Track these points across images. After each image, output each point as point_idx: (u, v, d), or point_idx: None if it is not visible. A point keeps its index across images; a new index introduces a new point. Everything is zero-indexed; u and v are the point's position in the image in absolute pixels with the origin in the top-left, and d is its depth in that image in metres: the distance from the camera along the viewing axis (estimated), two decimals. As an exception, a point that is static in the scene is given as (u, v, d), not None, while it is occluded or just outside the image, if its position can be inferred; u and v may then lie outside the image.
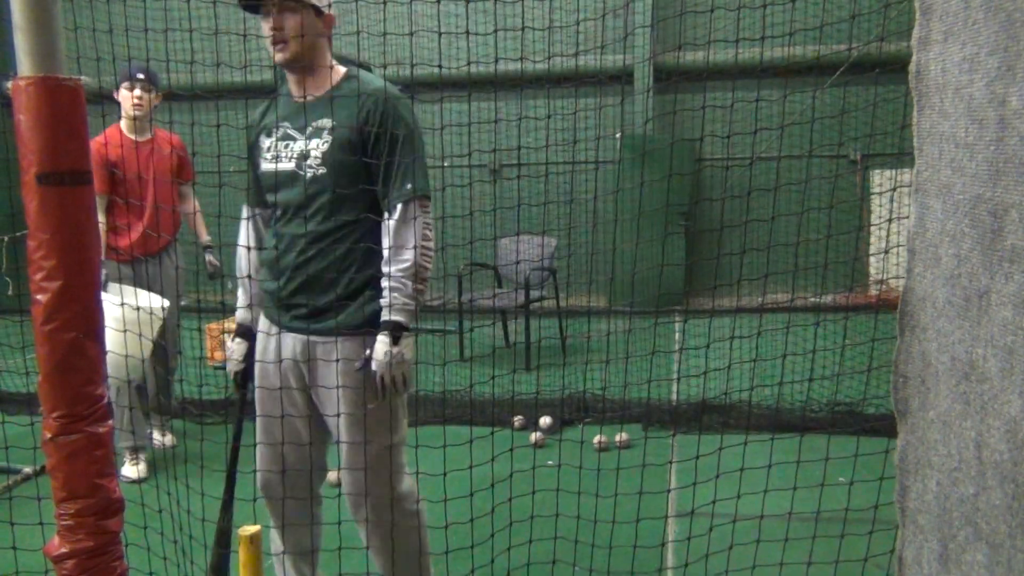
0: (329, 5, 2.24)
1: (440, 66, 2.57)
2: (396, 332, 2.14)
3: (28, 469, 3.76)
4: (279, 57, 2.13)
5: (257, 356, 2.34)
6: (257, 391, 2.32)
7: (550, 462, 3.74)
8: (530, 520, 2.52)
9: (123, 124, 3.91)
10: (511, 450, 2.77)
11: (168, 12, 2.66)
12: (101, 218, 3.76)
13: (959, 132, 1.42)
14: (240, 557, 2.00)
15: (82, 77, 1.55)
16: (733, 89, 3.85)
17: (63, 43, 1.53)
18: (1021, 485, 1.25)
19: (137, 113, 3.82)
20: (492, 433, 3.01)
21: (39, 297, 1.54)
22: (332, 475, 3.73)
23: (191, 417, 4.54)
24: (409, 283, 2.15)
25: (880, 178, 7.58)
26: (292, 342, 2.26)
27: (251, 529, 1.99)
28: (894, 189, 3.23)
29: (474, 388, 4.83)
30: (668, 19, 7.68)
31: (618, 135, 7.56)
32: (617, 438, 4.04)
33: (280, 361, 2.27)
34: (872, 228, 7.29)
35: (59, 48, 1.52)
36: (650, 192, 7.27)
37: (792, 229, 6.97)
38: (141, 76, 3.79)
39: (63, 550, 1.61)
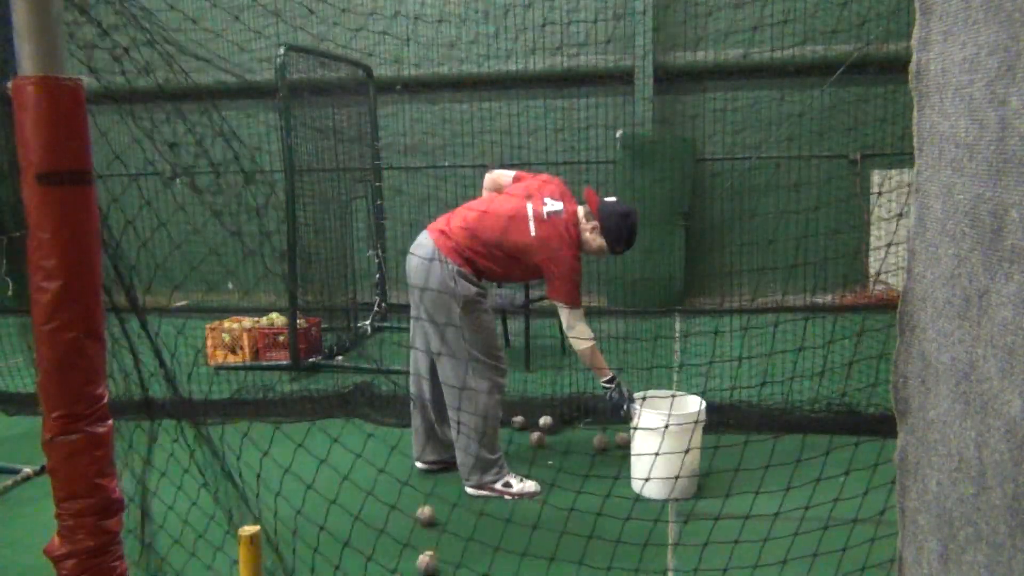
0: None
1: (440, 66, 2.57)
2: None
3: (28, 469, 3.77)
4: None
5: None
6: None
7: (550, 462, 3.74)
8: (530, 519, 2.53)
9: None
10: (511, 450, 2.77)
11: (168, 12, 2.66)
12: None
13: (959, 132, 1.42)
14: (240, 557, 1.99)
15: (82, 77, 1.55)
16: (733, 89, 3.85)
17: (63, 43, 1.53)
18: (1021, 485, 1.25)
19: None
20: (492, 433, 3.02)
21: (39, 297, 1.54)
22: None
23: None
24: None
25: (880, 178, 7.59)
26: None
27: (251, 529, 1.99)
28: (891, 190, 3.23)
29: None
30: (668, 19, 7.68)
31: (618, 134, 7.57)
32: (617, 438, 4.03)
33: None
34: (871, 228, 7.29)
35: (59, 48, 1.52)
36: (650, 192, 7.27)
37: (792, 229, 6.96)
38: None
39: (63, 550, 1.61)
